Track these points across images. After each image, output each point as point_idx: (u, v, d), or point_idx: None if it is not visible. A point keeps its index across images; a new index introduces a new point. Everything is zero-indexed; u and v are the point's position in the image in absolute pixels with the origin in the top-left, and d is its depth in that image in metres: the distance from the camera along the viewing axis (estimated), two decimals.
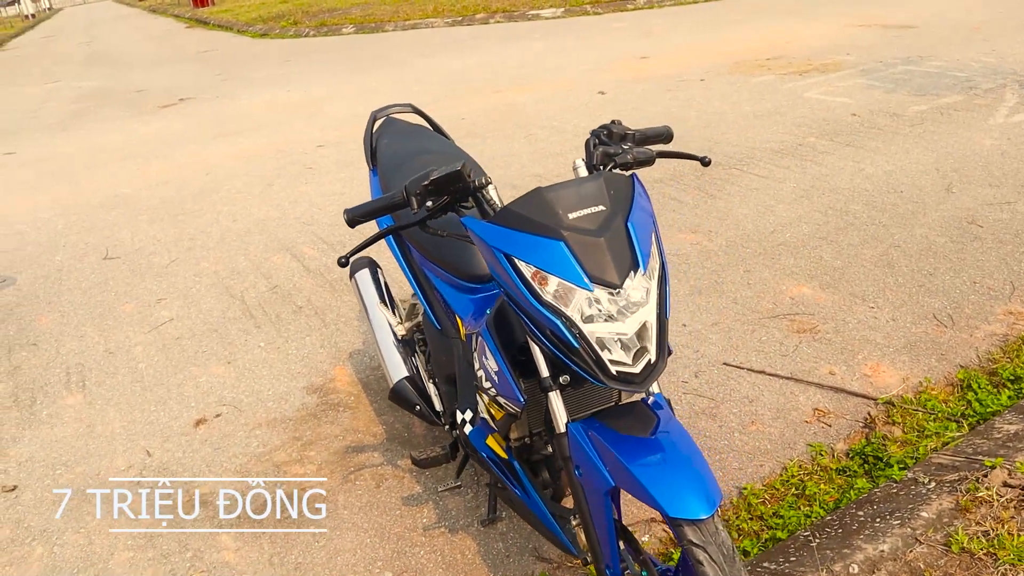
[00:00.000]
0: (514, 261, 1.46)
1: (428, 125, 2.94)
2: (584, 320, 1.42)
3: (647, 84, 8.08)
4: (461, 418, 2.10)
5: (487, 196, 1.66)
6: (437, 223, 1.69)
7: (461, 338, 2.12)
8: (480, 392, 1.91)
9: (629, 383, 1.43)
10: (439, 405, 2.42)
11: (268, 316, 3.95)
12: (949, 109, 6.04)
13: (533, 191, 1.51)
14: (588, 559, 1.70)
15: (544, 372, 1.59)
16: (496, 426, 1.87)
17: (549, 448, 2.00)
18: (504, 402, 1.73)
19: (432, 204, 1.58)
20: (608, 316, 1.43)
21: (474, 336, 1.86)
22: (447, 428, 2.36)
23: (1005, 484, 2.23)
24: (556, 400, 1.60)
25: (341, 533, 2.51)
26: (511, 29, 14.41)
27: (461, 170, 1.56)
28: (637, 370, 1.43)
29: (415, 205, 1.58)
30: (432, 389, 2.47)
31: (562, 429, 1.59)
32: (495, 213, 1.57)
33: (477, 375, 1.84)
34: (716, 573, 1.35)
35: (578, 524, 1.82)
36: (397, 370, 2.53)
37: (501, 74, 9.74)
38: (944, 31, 9.11)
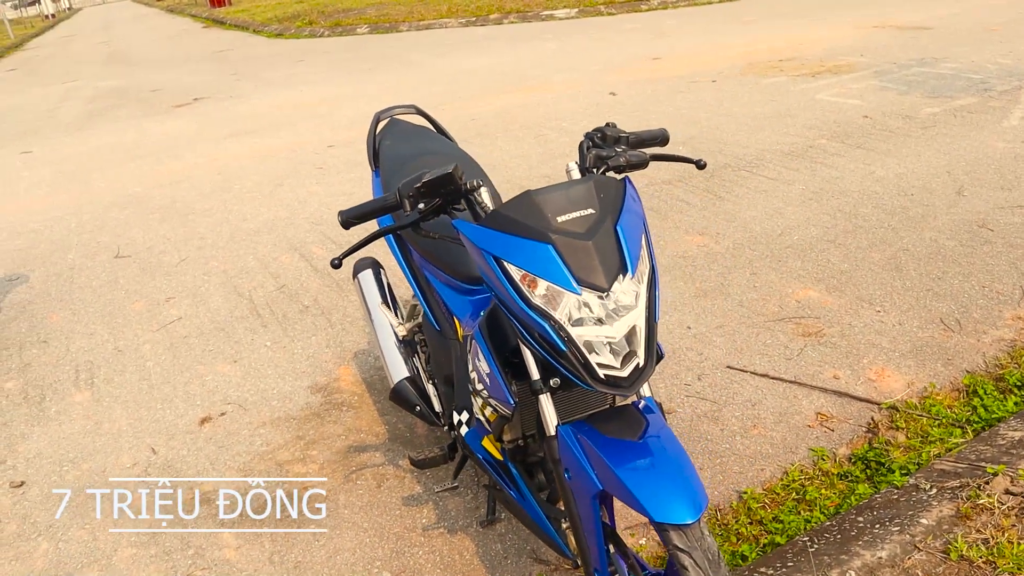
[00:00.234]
0: (503, 264, 1.46)
1: (431, 127, 2.95)
2: (572, 323, 1.42)
3: (658, 85, 8.06)
4: (458, 419, 2.10)
5: (479, 199, 1.66)
6: (430, 225, 1.69)
7: (459, 339, 2.13)
8: (474, 394, 1.91)
9: (617, 387, 1.43)
10: (438, 406, 2.43)
11: (275, 315, 3.98)
12: (963, 111, 5.98)
13: (523, 194, 1.51)
14: (579, 562, 1.71)
15: (535, 375, 1.59)
16: (490, 428, 1.88)
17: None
18: (495, 404, 1.73)
19: (424, 206, 1.59)
20: (597, 320, 1.43)
21: (470, 337, 1.86)
22: (446, 429, 2.37)
23: (1007, 491, 2.21)
24: (546, 403, 1.60)
25: (341, 532, 2.52)
26: (524, 29, 14.41)
27: (452, 172, 1.57)
28: (625, 374, 1.43)
29: (408, 207, 1.59)
30: (432, 390, 2.48)
31: (552, 432, 1.59)
32: (485, 216, 1.57)
33: (470, 377, 1.84)
34: None
35: (568, 526, 1.83)
36: (398, 370, 2.54)
37: (513, 75, 9.75)
38: (961, 32, 9.02)
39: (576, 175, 1.76)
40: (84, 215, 5.94)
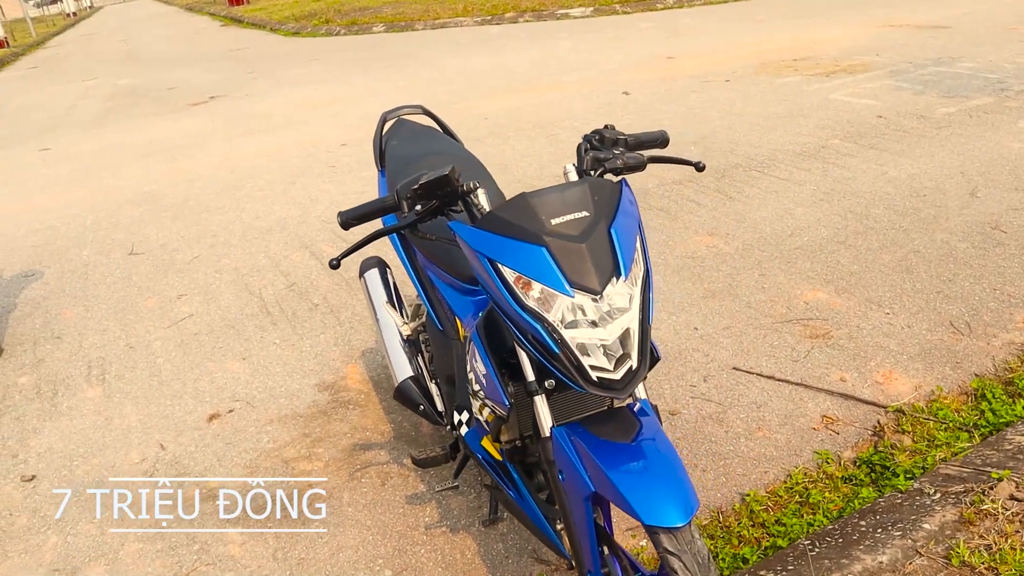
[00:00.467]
0: (497, 266, 1.47)
1: (438, 127, 2.96)
2: (566, 326, 1.43)
3: (672, 84, 8.03)
4: (458, 419, 2.11)
5: (475, 200, 1.67)
6: (430, 226, 1.70)
7: (460, 339, 2.14)
8: (472, 395, 1.92)
9: (610, 389, 1.43)
10: (441, 405, 2.44)
11: (284, 313, 4.01)
12: (978, 111, 5.92)
13: (517, 196, 1.52)
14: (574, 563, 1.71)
15: (530, 376, 1.59)
16: (488, 428, 1.89)
17: None
18: (492, 405, 1.74)
19: (422, 208, 1.60)
20: (591, 322, 1.43)
21: (468, 338, 1.87)
22: (448, 428, 2.38)
23: (1012, 497, 2.19)
24: (541, 404, 1.60)
25: (344, 530, 2.54)
26: (539, 28, 14.40)
27: (449, 174, 1.58)
28: (618, 376, 1.43)
29: (406, 208, 1.60)
30: (435, 389, 2.49)
31: (547, 433, 1.60)
32: (480, 218, 1.58)
33: (468, 377, 1.85)
34: None
35: (563, 527, 1.83)
36: (402, 370, 2.55)
37: (527, 74, 9.75)
38: (979, 31, 8.92)
39: (573, 177, 1.77)
40: (100, 212, 6.00)
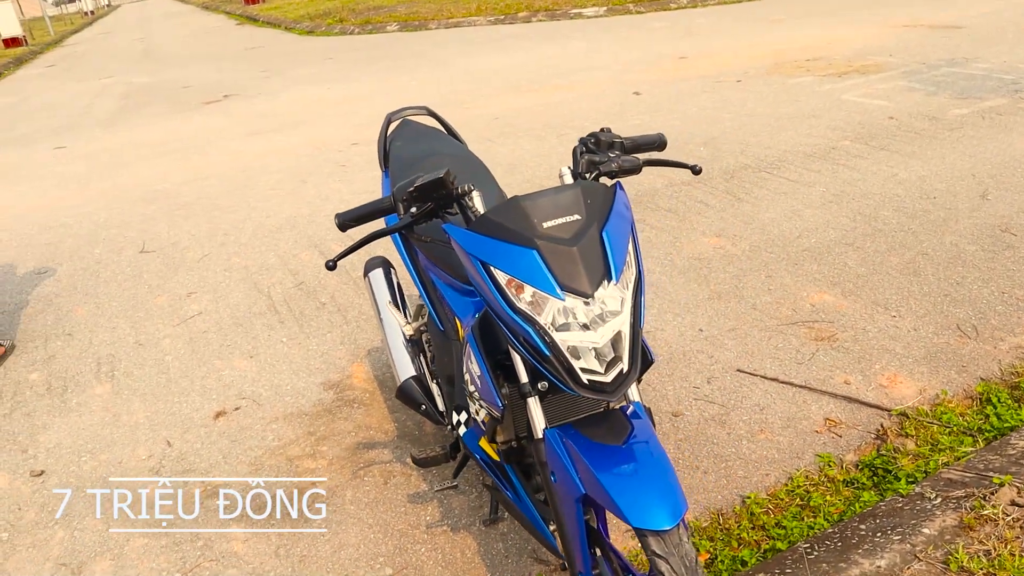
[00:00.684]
0: (490, 269, 1.48)
1: (442, 128, 2.98)
2: (557, 329, 1.44)
3: (683, 85, 8.02)
4: (457, 419, 2.13)
5: (470, 203, 1.68)
6: (428, 228, 1.72)
7: (460, 340, 2.15)
8: (469, 395, 1.93)
9: (600, 392, 1.44)
10: (442, 405, 2.46)
11: (292, 312, 4.04)
12: (991, 113, 5.87)
13: (510, 199, 1.53)
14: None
15: (523, 378, 1.61)
16: (484, 428, 1.90)
17: None
18: (486, 406, 1.75)
19: (417, 210, 1.61)
20: (582, 325, 1.44)
21: (465, 339, 1.89)
22: (449, 428, 2.39)
23: (1013, 503, 2.18)
24: (535, 406, 1.61)
25: (347, 528, 2.56)
26: (552, 28, 14.40)
27: (444, 177, 1.59)
28: (608, 379, 1.44)
29: (401, 210, 1.62)
30: (436, 389, 2.51)
31: (539, 435, 1.61)
32: (474, 221, 1.59)
33: (464, 378, 1.86)
34: None
35: (555, 528, 1.84)
36: (404, 369, 2.57)
37: (538, 73, 9.75)
38: (994, 32, 8.84)
39: (569, 180, 1.77)
40: (113, 210, 6.06)
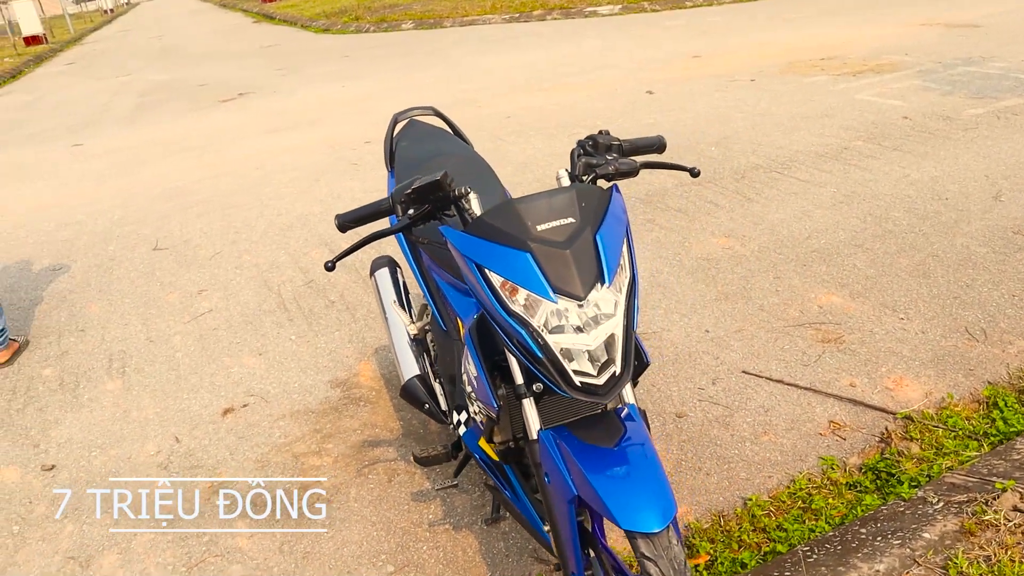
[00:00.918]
0: (484, 271, 1.50)
1: (449, 128, 2.99)
2: (550, 331, 1.45)
3: (696, 84, 7.99)
4: (457, 419, 2.14)
5: (467, 205, 1.70)
6: (427, 230, 1.73)
7: (461, 340, 2.16)
8: (467, 396, 1.95)
9: (593, 394, 1.45)
10: (445, 405, 2.47)
11: (301, 310, 4.07)
12: (1007, 113, 5.81)
13: (505, 202, 1.54)
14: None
15: (518, 379, 1.62)
16: (481, 429, 1.91)
17: None
18: (482, 406, 1.77)
19: (414, 212, 1.63)
20: (576, 328, 1.45)
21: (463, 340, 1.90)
22: (451, 428, 2.41)
23: (1015, 508, 2.17)
24: (529, 407, 1.63)
25: (350, 525, 2.58)
26: (567, 26, 14.38)
27: (441, 180, 1.60)
28: (601, 381, 1.45)
29: (400, 212, 1.63)
30: (439, 388, 2.53)
31: (534, 436, 1.62)
32: (469, 223, 1.60)
33: (462, 379, 1.88)
34: None
35: (549, 528, 1.85)
36: (409, 368, 2.58)
37: (552, 72, 9.75)
38: (1011, 30, 8.75)
39: (566, 182, 1.78)
40: (128, 207, 6.13)
